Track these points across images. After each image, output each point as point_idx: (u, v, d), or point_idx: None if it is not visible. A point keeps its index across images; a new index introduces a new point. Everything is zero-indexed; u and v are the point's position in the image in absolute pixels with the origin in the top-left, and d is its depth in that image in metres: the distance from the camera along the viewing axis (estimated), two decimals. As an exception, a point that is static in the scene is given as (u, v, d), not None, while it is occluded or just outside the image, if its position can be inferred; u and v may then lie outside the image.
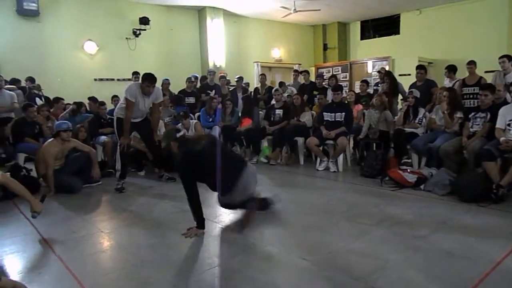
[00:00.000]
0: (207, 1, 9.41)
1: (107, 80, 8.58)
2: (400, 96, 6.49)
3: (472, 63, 5.86)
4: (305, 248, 2.72)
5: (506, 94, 4.72)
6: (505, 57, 5.52)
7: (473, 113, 4.50)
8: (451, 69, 6.31)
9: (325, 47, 12.48)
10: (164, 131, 3.37)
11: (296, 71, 8.72)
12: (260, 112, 7.14)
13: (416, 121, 5.21)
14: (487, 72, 6.53)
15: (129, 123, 4.47)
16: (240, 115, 6.91)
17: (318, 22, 12.10)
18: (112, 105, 6.71)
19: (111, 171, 5.44)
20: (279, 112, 6.28)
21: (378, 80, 7.41)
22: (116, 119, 4.61)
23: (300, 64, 11.57)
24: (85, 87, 8.10)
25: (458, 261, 2.46)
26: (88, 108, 6.82)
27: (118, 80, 8.57)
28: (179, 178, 3.11)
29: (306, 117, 6.25)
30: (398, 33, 11.20)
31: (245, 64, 10.83)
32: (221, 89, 7.84)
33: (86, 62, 8.42)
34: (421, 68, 6.04)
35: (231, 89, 7.97)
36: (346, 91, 7.43)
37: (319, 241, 2.85)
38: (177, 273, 2.40)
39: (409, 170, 4.47)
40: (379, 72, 8.25)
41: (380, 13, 11.16)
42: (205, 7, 9.71)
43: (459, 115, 4.72)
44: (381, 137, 5.40)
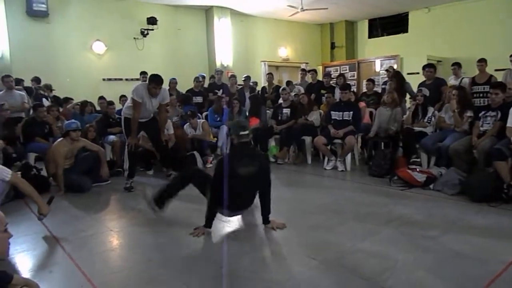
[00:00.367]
0: (214, 1, 9.43)
1: (115, 80, 8.63)
2: (407, 95, 6.44)
3: (482, 61, 5.80)
4: (313, 247, 2.72)
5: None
6: (516, 55, 5.45)
7: (483, 112, 4.44)
8: (460, 66, 6.27)
9: (332, 46, 12.42)
10: (235, 120, 3.27)
11: (303, 70, 8.69)
12: (267, 111, 7.14)
13: (425, 120, 5.17)
14: (497, 71, 6.45)
15: (136, 123, 4.49)
16: (247, 114, 6.91)
17: (325, 21, 12.05)
18: (120, 105, 6.76)
19: (119, 170, 5.48)
20: (286, 111, 6.26)
21: (387, 79, 7.36)
22: (123, 119, 4.64)
23: (307, 63, 11.53)
24: (93, 87, 8.16)
25: (468, 261, 2.43)
26: (98, 108, 6.87)
27: (126, 80, 8.62)
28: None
29: (314, 116, 6.23)
30: (406, 32, 11.10)
31: (252, 63, 10.83)
32: (230, 88, 7.86)
33: (94, 62, 8.49)
34: (431, 67, 5.98)
35: (238, 88, 7.97)
36: (355, 90, 7.40)
37: (327, 241, 2.85)
38: (186, 272, 2.41)
39: (418, 170, 4.44)
40: (387, 70, 8.20)
41: (388, 11, 11.08)
42: (212, 6, 9.72)
43: (469, 114, 4.67)
44: (389, 136, 5.37)
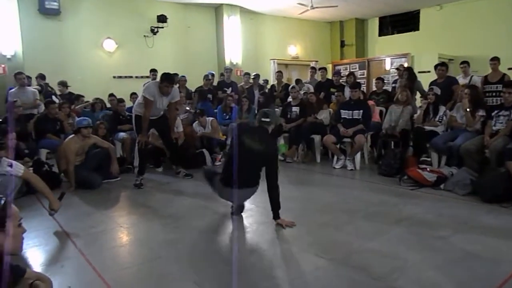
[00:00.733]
0: (224, -1, 9.44)
1: (125, 77, 8.69)
2: (418, 94, 6.38)
3: (495, 60, 5.71)
4: (322, 246, 2.71)
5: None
6: (530, 54, 5.36)
7: (496, 111, 4.39)
8: (469, 64, 6.20)
9: (342, 44, 12.33)
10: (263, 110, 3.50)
11: (313, 68, 8.65)
12: (276, 110, 7.12)
13: (436, 119, 5.11)
14: (510, 69, 6.35)
15: (147, 121, 4.52)
16: (256, 112, 6.90)
17: (335, 19, 11.97)
18: (131, 102, 6.81)
19: (129, 167, 5.52)
20: (295, 109, 6.24)
21: (397, 78, 7.29)
22: (134, 116, 4.67)
23: (317, 61, 11.47)
24: (104, 84, 8.22)
25: (480, 262, 2.41)
26: (109, 105, 6.92)
27: (136, 77, 8.66)
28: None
29: (324, 115, 6.21)
30: (417, 29, 10.97)
31: (261, 62, 10.81)
32: (244, 85, 7.90)
33: (105, 60, 8.56)
34: (443, 65, 5.91)
35: (247, 86, 7.97)
36: (364, 88, 7.34)
37: (336, 240, 2.84)
38: (195, 269, 2.42)
39: (428, 169, 4.40)
40: (397, 69, 8.11)
41: (399, 9, 10.96)
42: (222, 4, 9.72)
43: (481, 113, 4.61)
44: (399, 134, 5.32)
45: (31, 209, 3.72)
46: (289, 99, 6.64)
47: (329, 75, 8.45)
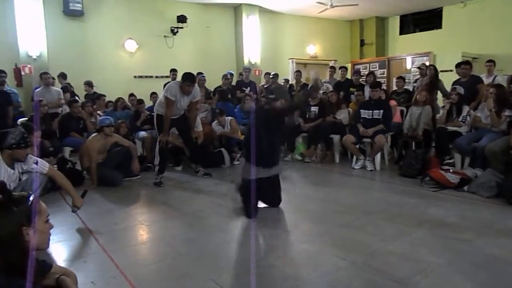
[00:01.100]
0: (243, -2, 9.46)
1: (146, 77, 8.83)
2: (439, 94, 6.24)
3: (522, 58, 5.54)
4: (343, 247, 2.68)
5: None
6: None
7: (523, 111, 4.25)
8: (495, 63, 6.03)
9: (362, 43, 12.17)
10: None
11: (332, 67, 8.58)
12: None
13: (460, 119, 4.99)
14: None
15: (169, 121, 4.58)
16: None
17: (355, 17, 11.83)
18: (151, 101, 6.90)
19: (150, 165, 5.60)
20: (314, 109, 6.20)
21: (418, 77, 7.15)
22: (155, 116, 4.74)
23: (336, 60, 11.36)
24: (125, 84, 8.38)
25: (506, 266, 2.33)
26: (130, 104, 7.04)
27: (157, 77, 8.79)
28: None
29: (343, 115, 6.14)
30: (440, 27, 10.73)
31: (280, 61, 10.79)
32: (265, 83, 7.91)
33: (126, 60, 8.72)
34: (466, 64, 5.77)
35: (267, 85, 7.97)
36: (385, 88, 7.23)
37: (356, 241, 2.80)
38: (214, 268, 2.44)
39: (451, 171, 4.29)
40: (419, 68, 7.95)
41: (421, 7, 10.74)
42: (241, 4, 9.75)
43: (507, 113, 4.47)
44: (422, 135, 5.22)
45: (55, 205, 3.81)
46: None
47: (348, 75, 8.36)
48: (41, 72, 6.49)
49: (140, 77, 8.80)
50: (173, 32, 9.09)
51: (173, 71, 7.65)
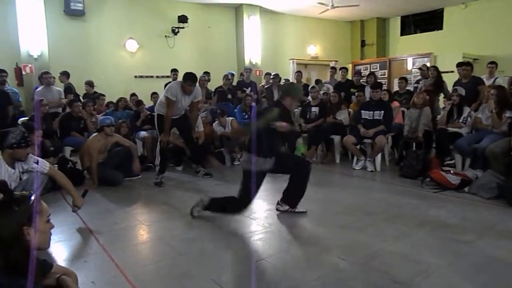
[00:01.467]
0: (244, -2, 9.46)
1: (146, 77, 8.83)
2: (441, 95, 6.23)
3: (524, 59, 5.53)
4: (343, 248, 2.68)
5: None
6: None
7: (524, 113, 4.25)
8: (497, 65, 6.02)
9: (363, 44, 12.16)
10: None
11: (333, 68, 8.58)
12: (295, 110, 7.08)
13: (461, 120, 4.98)
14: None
15: (169, 121, 4.57)
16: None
17: (356, 18, 11.82)
18: (152, 101, 6.90)
19: (150, 165, 5.60)
20: (315, 109, 6.20)
21: (419, 78, 7.15)
22: (156, 116, 4.74)
23: (336, 61, 11.35)
24: (126, 84, 8.38)
25: (506, 268, 2.33)
26: (130, 104, 7.03)
27: (157, 77, 8.78)
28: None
29: (343, 115, 6.14)
30: (441, 28, 10.72)
31: (280, 61, 10.78)
32: (266, 84, 7.91)
33: (127, 60, 8.71)
34: (468, 65, 5.77)
35: (267, 86, 7.97)
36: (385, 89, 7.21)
37: (357, 242, 2.80)
38: (214, 268, 2.43)
39: (452, 172, 4.29)
40: (420, 69, 7.94)
41: (422, 8, 10.73)
42: (242, 4, 9.75)
43: (508, 114, 4.47)
44: (423, 136, 5.22)
45: (55, 205, 3.81)
46: (309, 99, 6.59)
47: (348, 75, 8.36)
48: (42, 71, 6.49)
49: (141, 77, 8.80)
50: (174, 32, 9.09)
51: (174, 71, 7.65)
